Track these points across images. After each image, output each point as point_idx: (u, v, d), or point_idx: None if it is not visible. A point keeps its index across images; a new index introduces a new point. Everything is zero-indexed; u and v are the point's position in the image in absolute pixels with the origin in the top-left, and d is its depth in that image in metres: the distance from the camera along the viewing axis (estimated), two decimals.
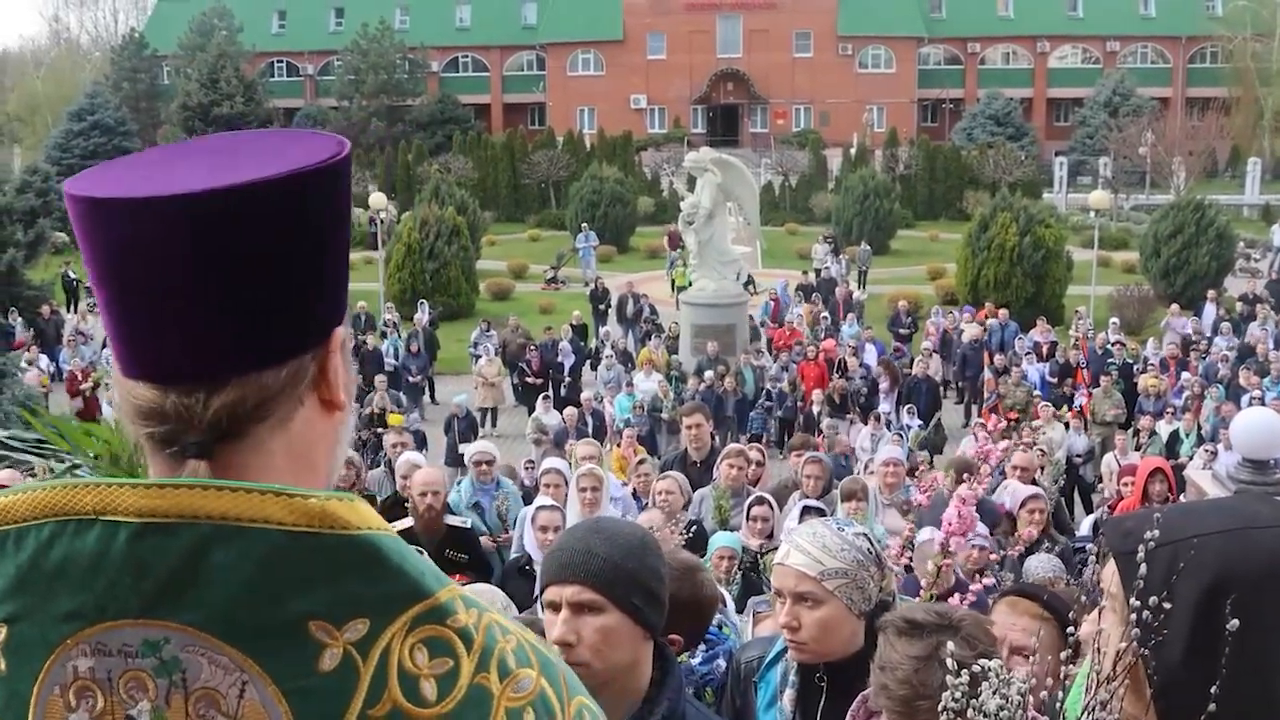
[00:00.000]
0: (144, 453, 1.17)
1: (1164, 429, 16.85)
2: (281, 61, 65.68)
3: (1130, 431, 17.30)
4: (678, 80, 62.46)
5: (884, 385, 19.64)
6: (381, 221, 30.10)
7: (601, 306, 27.30)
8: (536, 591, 2.49)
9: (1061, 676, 1.58)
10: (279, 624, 1.06)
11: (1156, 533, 1.32)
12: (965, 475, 7.29)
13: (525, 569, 6.84)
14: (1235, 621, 1.25)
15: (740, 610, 5.65)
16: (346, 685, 1.06)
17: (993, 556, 6.80)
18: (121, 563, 1.05)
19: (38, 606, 1.08)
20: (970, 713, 1.65)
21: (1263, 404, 15.22)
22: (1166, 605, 1.29)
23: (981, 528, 6.90)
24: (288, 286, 1.12)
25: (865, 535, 3.13)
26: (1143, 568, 1.31)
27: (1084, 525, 10.02)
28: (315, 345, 1.17)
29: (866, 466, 12.16)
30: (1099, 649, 1.41)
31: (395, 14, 63.68)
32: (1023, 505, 8.02)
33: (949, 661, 1.72)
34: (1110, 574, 1.41)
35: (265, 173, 1.09)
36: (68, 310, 29.00)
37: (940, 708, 1.70)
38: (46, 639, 1.08)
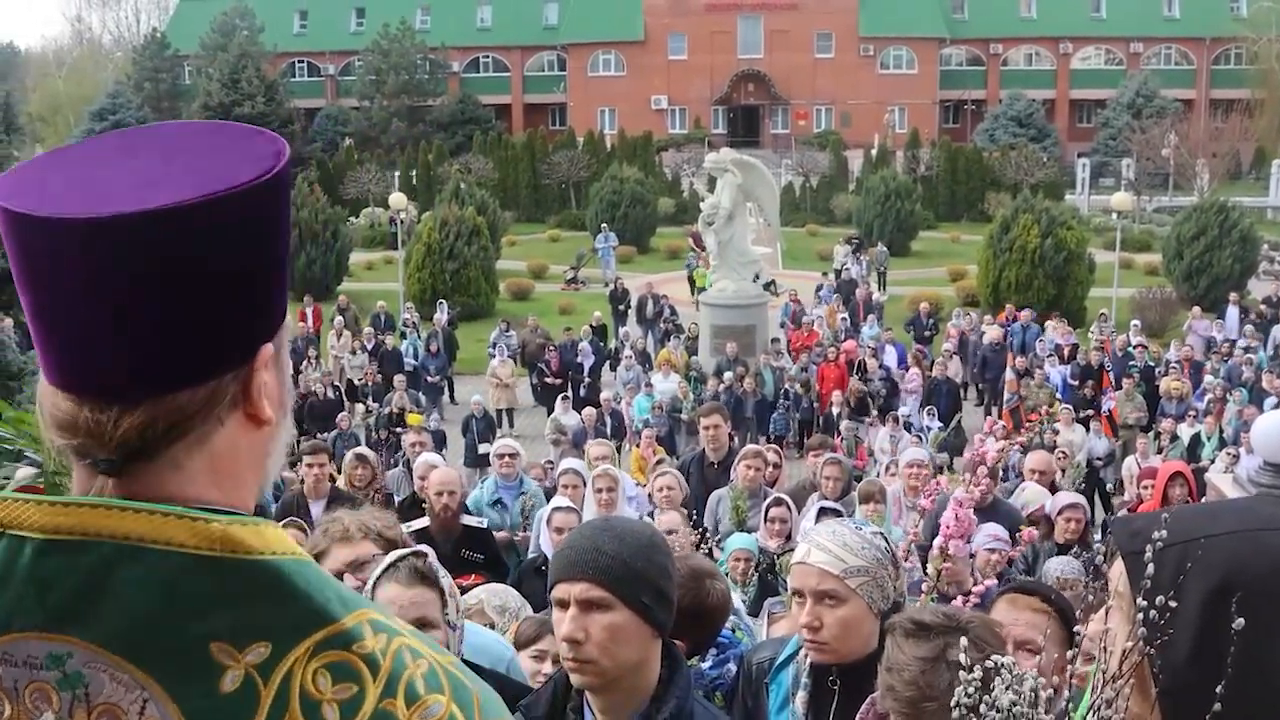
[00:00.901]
0: (65, 459, 1.16)
1: (1185, 432, 16.76)
2: (303, 62, 65.92)
3: (1152, 435, 17.21)
4: (698, 81, 62.42)
5: (911, 386, 19.57)
6: (401, 221, 30.17)
7: (621, 307, 27.31)
8: (548, 589, 2.49)
9: (1067, 674, 1.56)
10: (181, 645, 1.06)
11: (1165, 533, 1.32)
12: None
13: (541, 569, 6.84)
14: (1240, 621, 1.25)
15: (756, 613, 5.63)
16: (247, 707, 1.06)
17: (1013, 552, 6.77)
18: (26, 577, 1.07)
19: None
20: (983, 709, 1.65)
21: None
22: (1173, 605, 1.29)
23: (994, 528, 6.86)
24: (205, 308, 1.10)
25: (882, 534, 3.13)
26: (1150, 567, 1.31)
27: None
28: (238, 364, 1.15)
29: (888, 468, 12.10)
30: (1106, 648, 1.41)
31: (416, 14, 63.82)
32: (1060, 512, 7.99)
33: (962, 658, 1.71)
34: (1118, 573, 1.40)
35: (182, 194, 1.07)
36: None
37: (954, 703, 1.69)
38: None
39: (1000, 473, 10.08)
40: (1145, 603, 1.30)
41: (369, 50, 60.17)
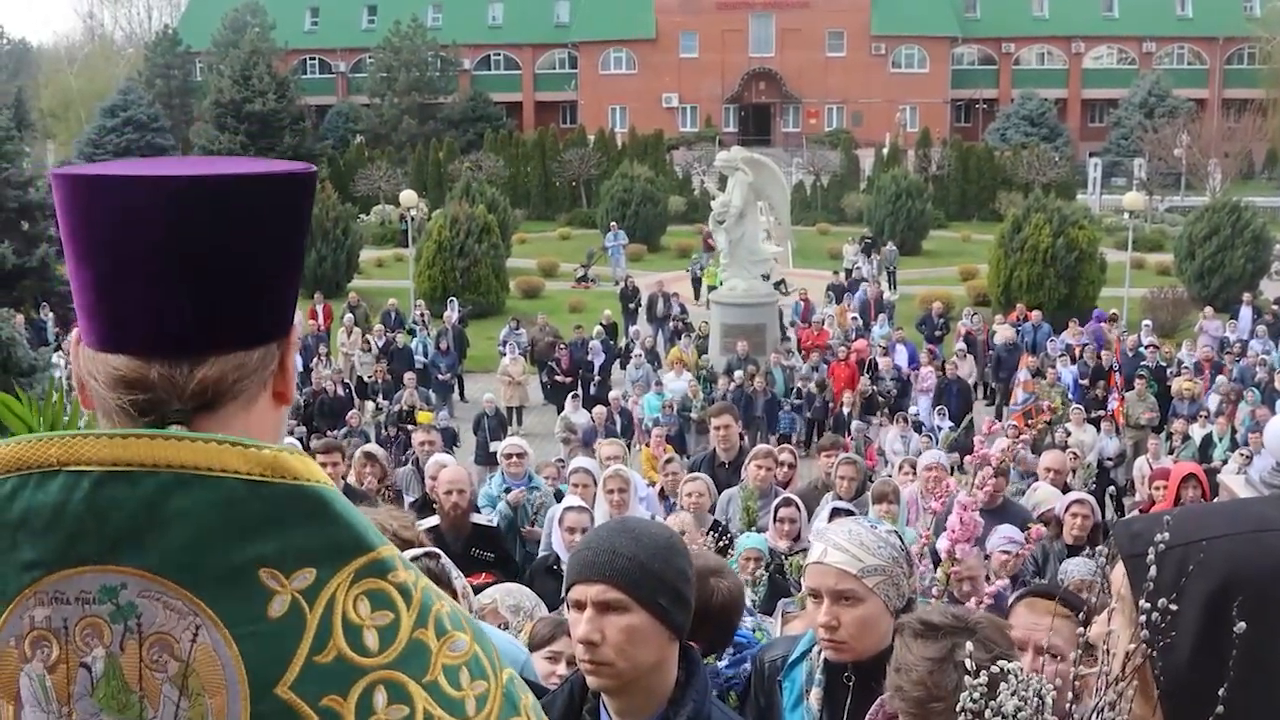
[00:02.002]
0: (109, 422, 1.20)
1: (1197, 433, 16.71)
2: (314, 59, 66.05)
3: (1164, 435, 17.16)
4: (709, 79, 62.41)
5: (925, 385, 19.53)
6: (412, 219, 30.18)
7: (631, 305, 27.30)
8: (563, 591, 2.48)
9: (1089, 680, 1.56)
10: (232, 569, 1.10)
11: (1166, 535, 1.32)
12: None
13: (553, 568, 6.84)
14: (1241, 624, 1.25)
15: (768, 612, 5.62)
16: (293, 632, 1.10)
17: (1023, 550, 6.73)
18: (84, 510, 1.09)
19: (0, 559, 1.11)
20: (989, 714, 1.64)
21: None
22: (1174, 608, 1.29)
23: (1009, 529, 6.83)
24: (265, 274, 1.21)
25: (896, 533, 3.13)
26: (1152, 570, 1.31)
27: None
28: (282, 335, 1.26)
29: (901, 468, 12.07)
30: (1108, 650, 1.42)
31: (428, 12, 63.92)
32: (1068, 509, 7.96)
33: (968, 662, 1.70)
34: (1119, 576, 1.41)
35: (250, 169, 1.19)
36: None
37: (959, 708, 1.69)
38: (5, 591, 1.11)
39: (1009, 472, 10.03)
40: (1147, 605, 1.30)
41: (380, 47, 60.24)
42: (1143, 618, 1.30)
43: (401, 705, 1.12)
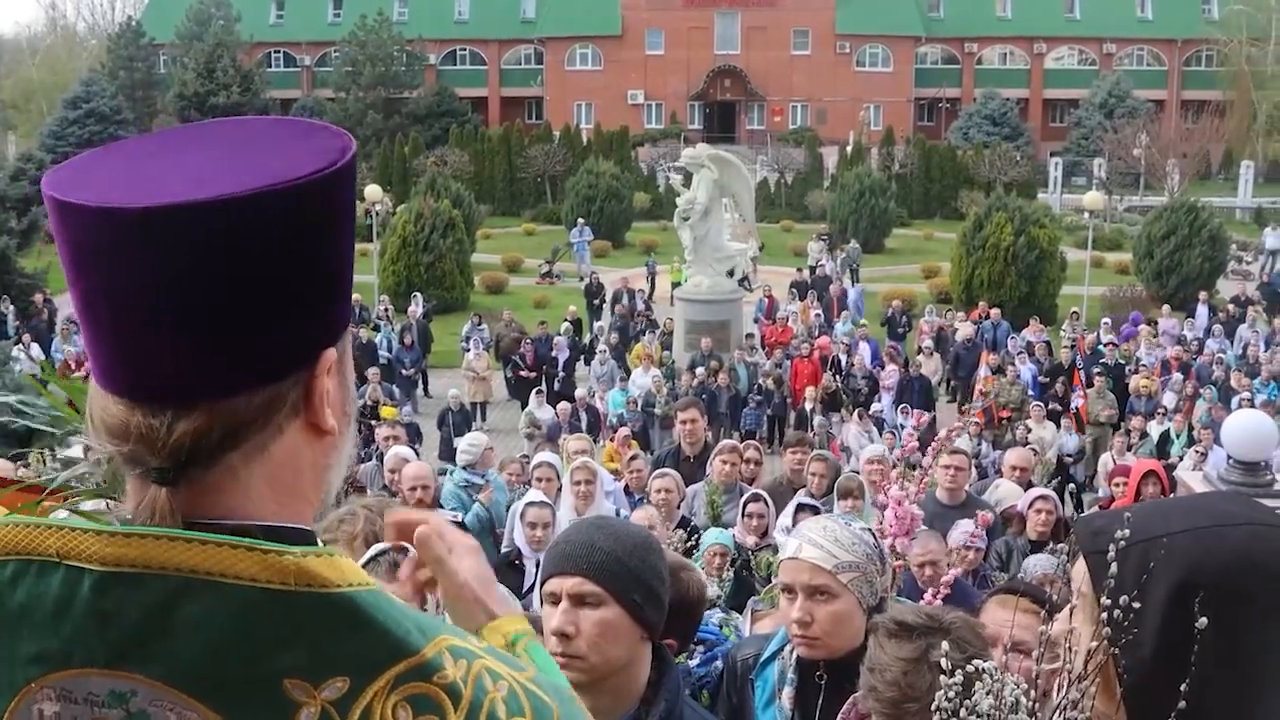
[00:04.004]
0: (117, 469, 1.11)
1: (1155, 430, 16.91)
2: (279, 52, 65.48)
3: (1121, 432, 17.36)
4: (675, 76, 62.40)
5: (889, 382, 19.65)
6: (377, 214, 30.05)
7: (596, 301, 27.31)
8: (536, 585, 2.50)
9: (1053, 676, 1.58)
10: (252, 681, 1.02)
11: (1127, 531, 1.33)
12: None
13: (515, 563, 6.87)
14: (1203, 620, 1.27)
15: (736, 608, 5.65)
16: None
17: (974, 536, 6.82)
18: (86, 610, 1.02)
19: (2, 645, 1.05)
20: (963, 713, 1.65)
21: (1253, 406, 15.25)
22: (1136, 605, 1.30)
23: (969, 524, 6.92)
24: (262, 307, 1.04)
25: (870, 531, 3.14)
26: (1113, 567, 1.32)
27: None
28: (298, 369, 1.10)
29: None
30: (1070, 648, 1.42)
31: (394, 6, 63.48)
32: (1031, 505, 8.05)
33: (943, 661, 1.73)
34: (1080, 573, 1.41)
35: (235, 187, 1.01)
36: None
37: (934, 707, 1.70)
38: (12, 680, 1.05)
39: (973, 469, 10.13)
40: (1109, 602, 1.31)
41: (346, 41, 59.78)
42: (1105, 615, 1.31)
43: None
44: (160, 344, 1.03)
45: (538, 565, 6.67)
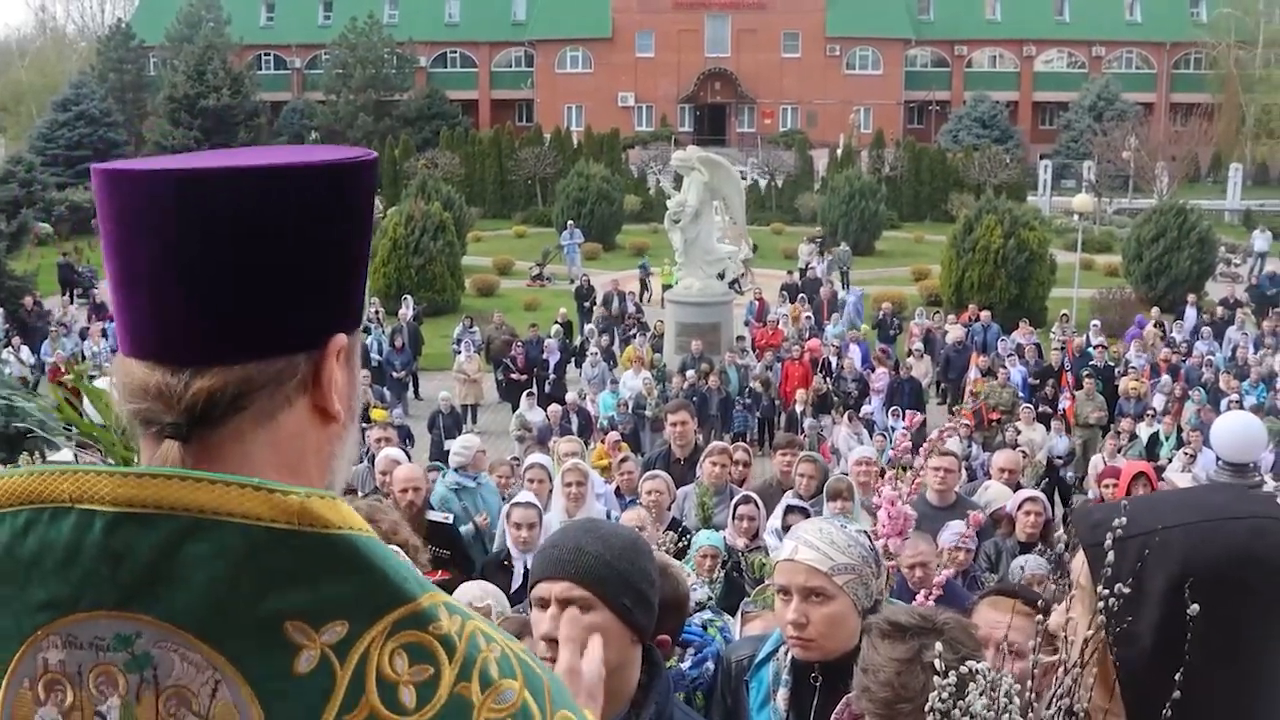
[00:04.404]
0: (134, 431, 1.15)
1: (1144, 432, 16.96)
2: (269, 54, 65.43)
3: (1111, 433, 17.40)
4: (666, 79, 62.46)
5: (879, 385, 19.68)
6: None
7: (586, 304, 27.32)
8: (528, 588, 2.49)
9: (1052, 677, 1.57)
10: (255, 622, 1.03)
11: (1124, 521, 1.33)
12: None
13: (504, 564, 6.88)
14: (1195, 606, 1.27)
15: (727, 610, 5.65)
16: (323, 689, 1.03)
17: (966, 536, 6.85)
18: (97, 553, 1.04)
19: (12, 596, 1.07)
20: (957, 714, 1.65)
21: (1241, 408, 15.31)
22: (1135, 596, 1.30)
23: (960, 525, 6.94)
24: (281, 278, 1.11)
25: (866, 533, 3.14)
26: (1110, 557, 1.32)
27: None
28: (309, 347, 1.15)
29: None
30: (1068, 639, 1.42)
31: (384, 8, 63.51)
32: (1020, 507, 8.07)
33: (936, 662, 1.73)
34: (1079, 565, 1.41)
35: (269, 161, 1.11)
36: (69, 300, 28.94)
37: (927, 708, 1.69)
38: (20, 628, 1.06)
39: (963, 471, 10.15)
40: (1107, 593, 1.31)
41: (336, 44, 59.77)
42: (1101, 606, 1.31)
43: None
44: (188, 305, 1.10)
45: (527, 567, 6.71)
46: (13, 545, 1.07)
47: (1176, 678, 1.26)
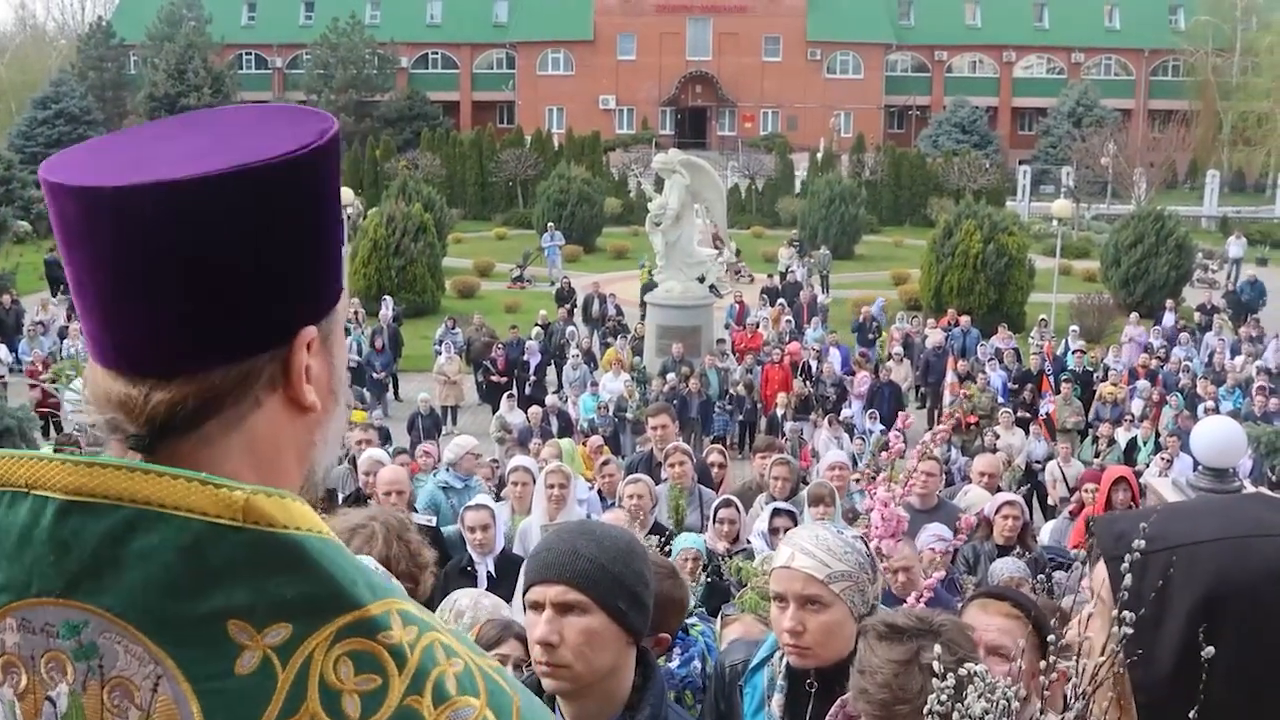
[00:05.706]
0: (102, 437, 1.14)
1: (1123, 436, 17.05)
2: (250, 54, 65.21)
3: (1089, 439, 17.49)
4: (647, 82, 62.51)
5: (859, 389, 19.72)
6: (348, 217, 29.95)
7: (567, 306, 27.30)
8: (519, 592, 2.48)
9: (1039, 681, 1.56)
10: (196, 619, 1.02)
11: (1148, 538, 1.27)
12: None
13: (466, 569, 6.78)
14: (1210, 650, 1.20)
15: (711, 614, 5.66)
16: (263, 691, 1.02)
17: (956, 540, 6.88)
18: (46, 539, 1.03)
19: None
20: (955, 716, 1.64)
21: (1218, 413, 15.41)
22: (1157, 615, 1.25)
23: (938, 528, 6.98)
24: (236, 283, 1.07)
25: (861, 539, 3.11)
26: (1133, 573, 1.27)
27: (1044, 532, 10.11)
28: (275, 345, 1.12)
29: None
30: (1085, 653, 1.37)
31: (366, 9, 63.38)
32: (998, 510, 8.11)
33: (935, 665, 1.73)
34: (1100, 578, 1.35)
35: (211, 167, 1.05)
36: (54, 297, 28.73)
37: (926, 710, 1.68)
38: None
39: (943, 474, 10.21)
40: (1127, 611, 1.26)
41: (317, 44, 59.65)
42: (1115, 627, 1.26)
43: None
44: (139, 317, 1.07)
45: (489, 570, 6.67)
46: None
47: (1198, 702, 1.21)
